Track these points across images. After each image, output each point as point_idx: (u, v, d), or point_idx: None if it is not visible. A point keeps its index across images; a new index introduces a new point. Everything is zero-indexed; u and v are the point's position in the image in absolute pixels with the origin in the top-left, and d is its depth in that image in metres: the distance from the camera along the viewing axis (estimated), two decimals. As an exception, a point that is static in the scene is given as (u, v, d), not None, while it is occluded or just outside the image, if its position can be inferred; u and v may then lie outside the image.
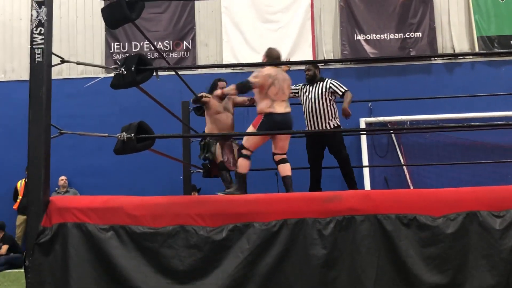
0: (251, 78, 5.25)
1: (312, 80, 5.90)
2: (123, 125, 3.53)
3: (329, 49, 9.59)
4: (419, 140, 8.98)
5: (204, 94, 5.88)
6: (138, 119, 3.52)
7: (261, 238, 3.14)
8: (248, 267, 3.11)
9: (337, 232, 3.15)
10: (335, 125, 5.79)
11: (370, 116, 9.16)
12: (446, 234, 3.11)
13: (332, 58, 9.52)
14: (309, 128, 5.80)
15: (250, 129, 5.33)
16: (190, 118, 6.55)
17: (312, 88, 5.84)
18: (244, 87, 5.31)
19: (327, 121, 5.73)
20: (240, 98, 6.27)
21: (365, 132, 8.87)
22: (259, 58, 9.04)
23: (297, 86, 6.05)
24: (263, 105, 5.27)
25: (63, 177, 9.05)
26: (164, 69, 4.48)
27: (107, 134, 3.95)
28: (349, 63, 9.50)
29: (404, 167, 9.03)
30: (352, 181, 5.80)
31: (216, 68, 9.29)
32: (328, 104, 5.74)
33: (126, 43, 9.74)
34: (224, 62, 9.41)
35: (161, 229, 3.22)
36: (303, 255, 3.13)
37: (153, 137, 3.53)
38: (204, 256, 3.13)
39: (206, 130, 6.11)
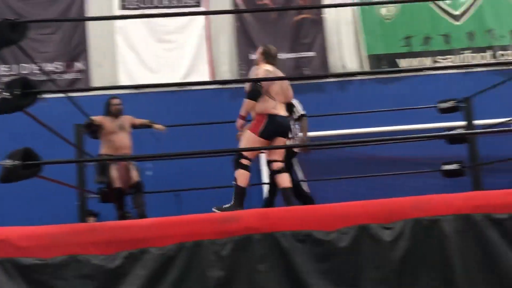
0: (253, 84, 4.75)
1: None
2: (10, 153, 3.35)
3: (227, 69, 9.66)
4: (316, 156, 9.20)
5: (93, 118, 5.76)
6: (29, 145, 3.36)
7: (157, 264, 3.07)
8: (144, 294, 3.03)
9: (234, 253, 3.14)
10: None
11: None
12: (340, 248, 3.18)
13: (230, 78, 9.59)
14: None
15: (248, 135, 4.82)
16: (84, 141, 6.33)
17: None
18: (256, 93, 4.75)
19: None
20: (139, 121, 6.33)
21: (264, 151, 8.95)
22: (155, 79, 9.00)
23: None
24: (266, 105, 4.78)
25: None
26: (52, 92, 4.31)
27: (-9, 162, 3.73)
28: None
29: (304, 183, 9.19)
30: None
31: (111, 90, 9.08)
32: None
33: (15, 65, 9.32)
34: (119, 83, 9.23)
35: (51, 260, 3.07)
36: (200, 278, 3.09)
37: (41, 163, 3.38)
38: (97, 286, 3.01)
39: (101, 152, 5.94)
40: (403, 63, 9.93)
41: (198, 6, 9.68)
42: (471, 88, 6.88)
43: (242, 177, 4.85)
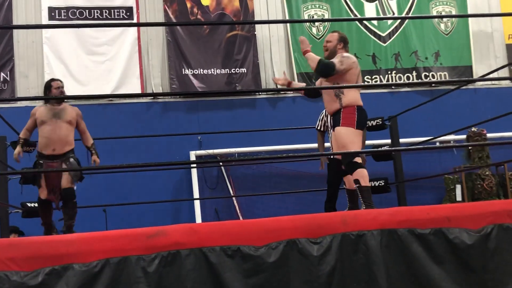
0: (337, 64, 4.57)
1: None
2: None
3: (158, 82, 9.58)
4: (246, 171, 9.25)
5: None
6: None
7: (81, 280, 2.97)
8: (67, 312, 2.92)
9: (161, 268, 3.09)
10: None
11: (199, 149, 9.26)
12: (269, 263, 3.19)
13: (161, 91, 9.51)
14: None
15: (347, 131, 4.54)
16: (7, 154, 6.10)
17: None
18: (327, 68, 4.56)
19: None
20: (83, 126, 5.67)
21: (195, 165, 8.94)
22: (85, 91, 8.81)
23: (321, 116, 5.96)
24: (355, 96, 4.60)
25: None
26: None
27: None
28: (178, 97, 9.56)
29: (234, 199, 9.22)
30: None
31: (37, 101, 8.81)
32: None
33: None
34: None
35: (-33, 278, 2.91)
36: (127, 295, 3.01)
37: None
38: (17, 304, 2.88)
39: (37, 149, 5.43)
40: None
41: (130, 19, 9.57)
42: (397, 107, 7.12)
43: (365, 176, 4.57)
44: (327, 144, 6.16)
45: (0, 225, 5.81)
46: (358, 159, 4.62)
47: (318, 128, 6.19)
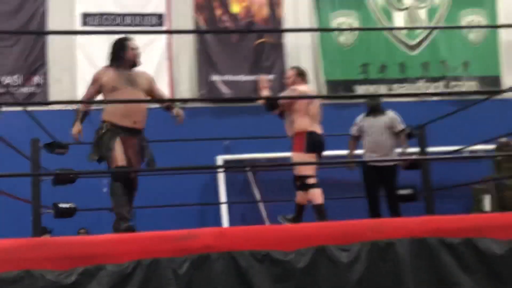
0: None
1: (374, 111, 6.05)
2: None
3: (186, 88, 9.68)
4: (273, 177, 9.25)
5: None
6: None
7: (113, 281, 3.02)
8: (99, 311, 2.98)
9: (192, 271, 3.13)
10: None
11: (226, 154, 9.31)
12: (298, 269, 3.21)
13: (189, 97, 9.61)
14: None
15: (298, 156, 5.07)
16: (40, 156, 6.22)
17: (374, 120, 6.04)
18: (270, 106, 5.23)
19: (387, 151, 5.98)
20: (159, 91, 5.16)
21: (222, 170, 8.98)
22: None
23: (358, 121, 6.23)
24: (304, 123, 5.12)
25: None
26: (9, 104, 4.23)
27: None
28: (206, 103, 9.65)
29: (261, 204, 9.24)
30: (396, 210, 5.88)
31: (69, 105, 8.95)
32: (388, 136, 5.97)
33: (-28, 78, 9.12)
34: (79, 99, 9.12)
35: (3, 275, 2.99)
36: (158, 296, 3.06)
37: (-4, 176, 3.31)
38: (51, 302, 2.94)
39: (104, 118, 4.63)
40: (360, 90, 10.15)
41: (160, 25, 9.69)
42: (426, 116, 7.07)
43: (318, 196, 5.10)
44: (358, 151, 6.22)
45: (33, 225, 5.91)
46: (311, 180, 5.09)
47: (353, 133, 6.25)
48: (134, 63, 4.77)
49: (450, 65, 10.40)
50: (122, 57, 4.71)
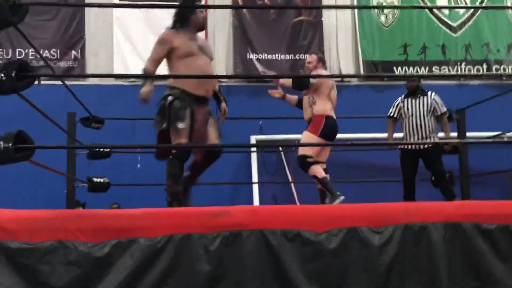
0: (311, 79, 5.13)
1: (414, 93, 5.94)
2: (2, 135, 3.31)
3: (222, 66, 9.66)
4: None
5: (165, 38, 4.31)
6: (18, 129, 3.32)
7: (145, 254, 3.05)
8: (131, 284, 3.00)
9: (223, 248, 3.13)
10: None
11: (260, 134, 9.29)
12: (328, 249, 3.18)
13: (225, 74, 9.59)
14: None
15: (309, 136, 5.12)
16: (76, 130, 6.29)
17: (415, 102, 5.91)
18: (301, 82, 5.18)
19: (427, 134, 5.84)
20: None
21: (255, 149, 8.98)
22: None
23: (397, 103, 6.11)
24: (325, 107, 5.17)
25: None
26: (47, 76, 4.28)
27: (-19, 144, 3.69)
28: (241, 80, 9.63)
29: (292, 185, 9.22)
30: (449, 192, 5.78)
31: (105, 79, 9.05)
32: (429, 118, 5.87)
33: (10, 50, 9.26)
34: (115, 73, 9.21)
35: (38, 245, 3.04)
36: (188, 271, 3.07)
37: (33, 147, 3.34)
38: (84, 273, 2.98)
39: (173, 83, 4.28)
40: (399, 71, 9.98)
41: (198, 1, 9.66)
42: (465, 100, 6.91)
43: (318, 171, 5.05)
44: (396, 135, 6.11)
45: (67, 198, 6.01)
46: (310, 159, 5.07)
47: (391, 115, 6.13)
48: (201, 27, 4.47)
49: (493, 48, 10.12)
50: (190, 18, 4.37)
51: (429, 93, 6.04)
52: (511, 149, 9.12)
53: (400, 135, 6.25)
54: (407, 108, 6.00)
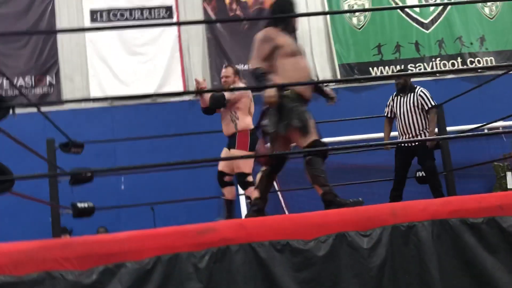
0: (227, 95, 5.21)
1: (402, 90, 5.98)
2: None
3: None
4: (290, 165, 9.17)
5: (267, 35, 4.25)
6: (-2, 161, 3.28)
7: (134, 278, 3.01)
8: (121, 309, 2.96)
9: (212, 264, 3.10)
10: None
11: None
12: (318, 257, 3.17)
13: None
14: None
15: (242, 153, 5.18)
16: (56, 156, 6.23)
17: (403, 99, 5.96)
18: (218, 100, 5.23)
19: (418, 132, 5.87)
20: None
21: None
22: (128, 92, 8.93)
23: (388, 102, 6.18)
24: (247, 121, 5.30)
25: None
26: (22, 106, 4.23)
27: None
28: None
29: (279, 193, 9.20)
30: (437, 191, 5.78)
31: (83, 103, 8.98)
32: (419, 115, 5.91)
33: (-17, 81, 9.17)
34: (91, 96, 9.15)
35: (24, 277, 2.98)
36: (179, 291, 3.04)
37: (13, 178, 3.30)
38: (73, 302, 2.94)
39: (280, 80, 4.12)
40: (375, 71, 10.04)
41: (169, 17, 9.66)
42: (443, 95, 6.96)
43: (255, 195, 4.79)
44: (393, 133, 6.14)
45: (52, 226, 5.94)
46: (250, 178, 5.22)
47: (386, 114, 6.17)
48: (294, 29, 4.41)
49: (466, 41, 10.23)
50: (289, 20, 4.36)
51: (417, 88, 6.07)
52: (492, 140, 9.21)
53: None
54: (397, 106, 6.03)
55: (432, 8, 10.33)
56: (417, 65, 10.05)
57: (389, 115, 6.19)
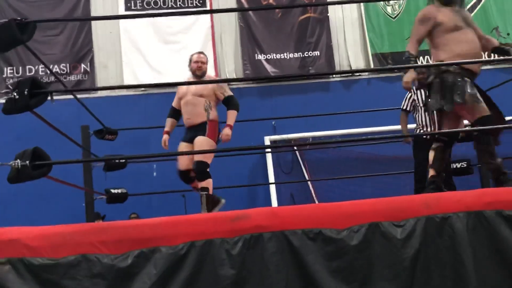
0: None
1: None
2: (18, 153, 3.33)
3: (231, 69, 9.67)
4: (321, 155, 9.20)
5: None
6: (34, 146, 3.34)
7: (168, 263, 3.06)
8: (156, 293, 3.01)
9: (245, 251, 3.13)
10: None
11: (274, 134, 9.28)
12: (351, 246, 3.16)
13: (235, 77, 9.60)
14: None
15: (209, 141, 5.10)
16: (90, 143, 6.33)
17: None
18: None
19: None
20: None
21: (270, 150, 8.98)
22: (161, 79, 9.00)
23: (409, 95, 6.09)
24: (216, 113, 5.27)
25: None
26: (60, 92, 4.30)
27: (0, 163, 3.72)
28: (251, 82, 9.62)
29: (309, 183, 9.20)
30: (418, 185, 5.70)
31: (116, 90, 9.09)
32: None
33: (20, 67, 9.33)
34: (125, 84, 9.24)
35: (61, 260, 3.05)
36: (212, 276, 3.08)
37: (50, 163, 3.36)
38: (108, 285, 2.99)
39: (442, 56, 4.20)
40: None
41: (203, 6, 9.68)
42: (480, 86, 6.84)
43: (211, 186, 5.06)
44: (410, 126, 6.05)
45: (86, 211, 6.04)
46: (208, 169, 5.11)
47: (404, 107, 6.07)
48: (459, 0, 4.28)
49: (503, 32, 10.02)
50: None
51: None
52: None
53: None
54: (420, 100, 5.95)
55: (469, -3, 10.16)
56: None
57: (407, 109, 6.09)
